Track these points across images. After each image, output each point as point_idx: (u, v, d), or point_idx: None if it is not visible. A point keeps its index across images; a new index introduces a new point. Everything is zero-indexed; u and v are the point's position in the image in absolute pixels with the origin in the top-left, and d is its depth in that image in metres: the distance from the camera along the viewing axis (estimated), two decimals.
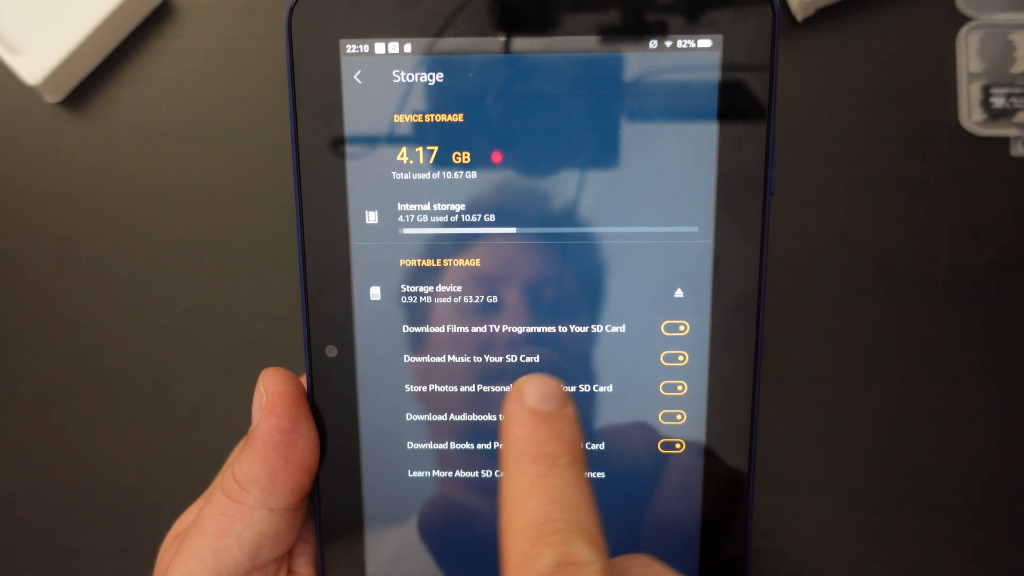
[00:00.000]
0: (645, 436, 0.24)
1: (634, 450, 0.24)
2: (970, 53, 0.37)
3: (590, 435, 0.24)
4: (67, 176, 0.39)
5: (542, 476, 0.18)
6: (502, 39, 0.22)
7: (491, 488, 0.24)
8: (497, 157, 0.23)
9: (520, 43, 0.22)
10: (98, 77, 0.39)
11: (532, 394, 0.19)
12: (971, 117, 0.37)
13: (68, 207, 0.39)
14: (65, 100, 0.39)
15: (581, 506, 0.18)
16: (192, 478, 0.37)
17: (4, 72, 0.37)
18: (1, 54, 0.36)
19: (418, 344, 0.24)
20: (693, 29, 0.22)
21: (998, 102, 0.37)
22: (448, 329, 0.24)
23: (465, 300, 0.23)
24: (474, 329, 0.23)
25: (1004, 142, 0.37)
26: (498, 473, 0.24)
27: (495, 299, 0.23)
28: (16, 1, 0.38)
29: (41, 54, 0.36)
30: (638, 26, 0.22)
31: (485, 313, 0.23)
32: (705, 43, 0.22)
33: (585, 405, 0.24)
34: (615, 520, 0.24)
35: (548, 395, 0.19)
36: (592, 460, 0.24)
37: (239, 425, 0.37)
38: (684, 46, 0.22)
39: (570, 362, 0.24)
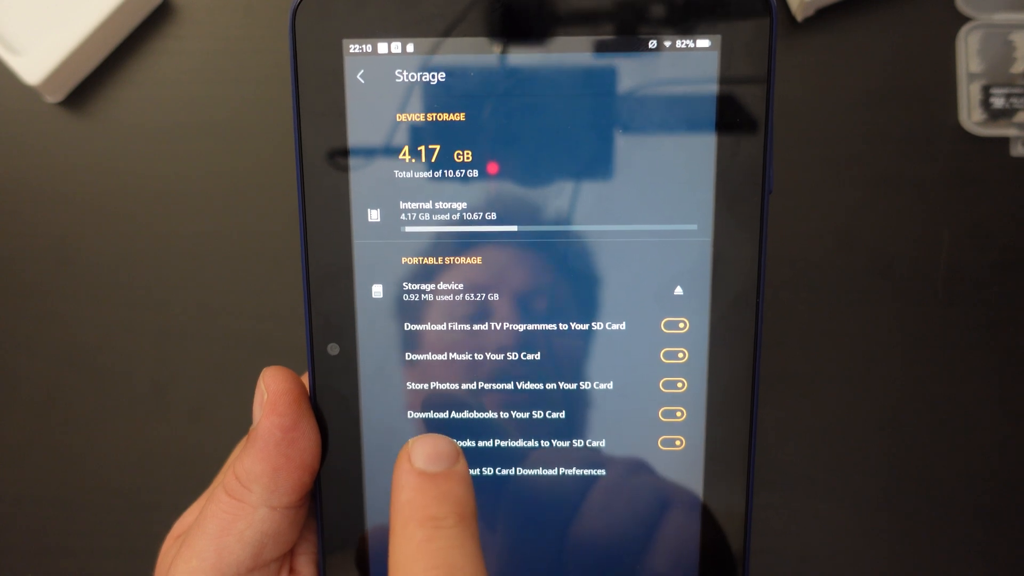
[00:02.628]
0: (645, 433, 0.24)
1: (633, 447, 0.24)
2: (970, 53, 0.37)
3: (590, 432, 0.24)
4: (67, 176, 0.39)
5: (427, 540, 0.18)
6: (504, 39, 0.22)
7: (493, 485, 0.24)
8: (499, 156, 0.23)
9: (521, 43, 0.22)
10: (98, 77, 0.39)
11: (420, 455, 0.19)
12: (971, 117, 0.37)
13: (68, 207, 0.39)
14: (65, 100, 0.39)
15: (465, 568, 0.18)
16: (192, 478, 0.37)
17: (4, 72, 0.37)
18: (1, 54, 0.36)
19: (420, 342, 0.24)
20: (692, 30, 0.22)
21: (998, 102, 0.37)
22: (449, 327, 0.24)
23: (467, 298, 0.24)
24: (475, 327, 0.24)
25: (1004, 142, 0.37)
26: (499, 471, 0.24)
27: (496, 297, 0.24)
28: (16, 1, 0.38)
29: (41, 54, 0.36)
30: (638, 27, 0.22)
31: (486, 311, 0.24)
32: (703, 44, 0.22)
33: (586, 402, 0.24)
34: (613, 518, 0.24)
35: (436, 455, 0.19)
36: (592, 458, 0.24)
37: (239, 425, 0.37)
38: (683, 47, 0.22)
39: (571, 359, 0.24)
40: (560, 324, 0.24)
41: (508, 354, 0.24)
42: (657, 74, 0.22)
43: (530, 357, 0.24)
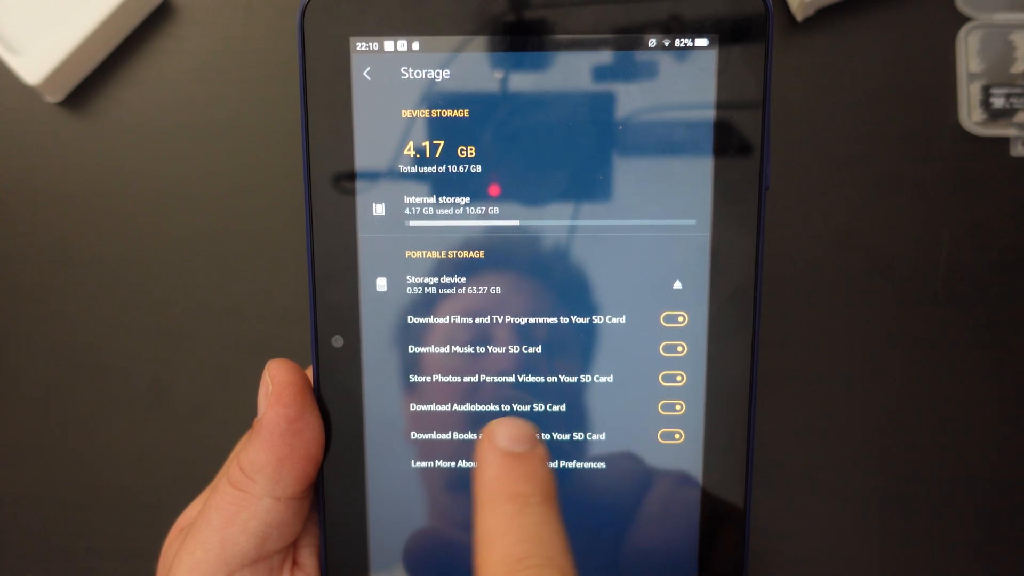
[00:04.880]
0: (644, 426, 0.24)
1: (633, 441, 0.24)
2: (970, 53, 0.37)
3: (591, 425, 0.24)
4: (67, 176, 0.39)
5: (516, 514, 0.19)
6: (507, 36, 0.23)
7: None
8: (502, 152, 0.23)
9: (523, 40, 0.23)
10: (98, 77, 0.39)
11: (504, 436, 0.20)
12: (971, 117, 0.37)
13: (68, 207, 0.39)
14: (65, 100, 0.39)
15: (553, 543, 0.18)
16: (192, 478, 0.37)
17: (4, 72, 0.37)
18: (1, 54, 0.36)
19: (423, 334, 0.24)
20: (690, 29, 0.23)
21: (998, 102, 0.37)
22: (452, 320, 0.24)
23: (469, 291, 0.24)
24: (477, 320, 0.24)
25: (1004, 142, 0.37)
26: None
27: (498, 290, 0.24)
28: (16, 1, 0.38)
29: (41, 54, 0.36)
30: (637, 25, 0.23)
31: (488, 304, 0.24)
32: (702, 42, 0.23)
33: (586, 395, 0.24)
34: (613, 512, 0.24)
35: (519, 437, 0.20)
36: (591, 451, 0.24)
37: (239, 425, 0.37)
38: (681, 45, 0.23)
39: (571, 352, 0.24)
40: (561, 317, 0.24)
41: (510, 347, 0.24)
42: (656, 72, 0.23)
43: (531, 350, 0.24)
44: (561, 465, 0.24)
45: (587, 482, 0.24)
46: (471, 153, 0.23)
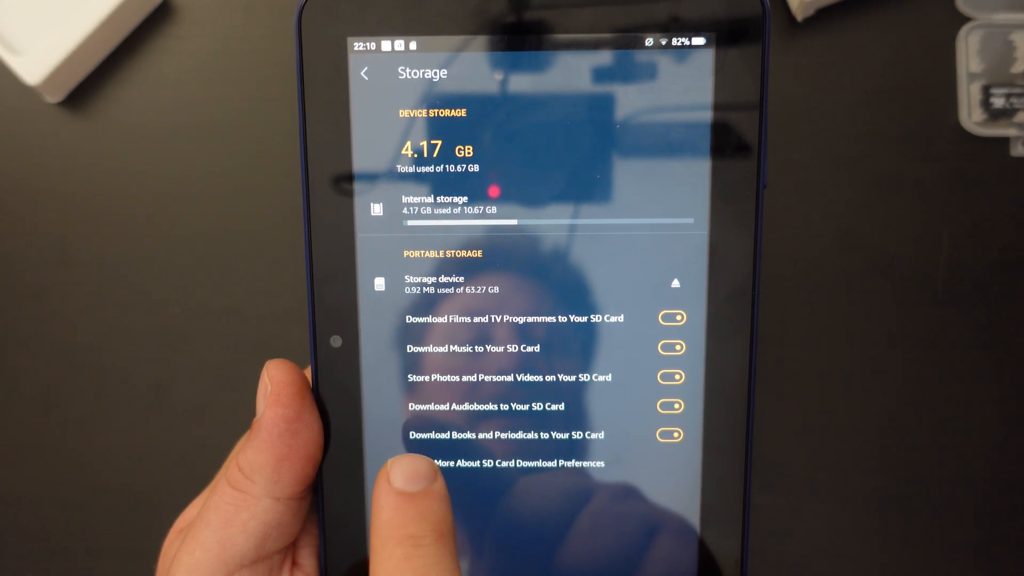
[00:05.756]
0: (643, 425, 0.24)
1: (632, 440, 0.24)
2: (970, 53, 0.37)
3: (589, 424, 0.24)
4: (67, 176, 0.39)
5: (406, 558, 0.19)
6: (505, 36, 0.23)
7: (494, 477, 0.24)
8: (499, 151, 0.23)
9: (521, 40, 0.23)
10: (98, 77, 0.39)
11: (399, 475, 0.20)
12: (971, 117, 0.37)
13: (68, 207, 0.39)
14: (65, 100, 0.39)
15: None
16: (192, 478, 0.37)
17: (4, 72, 0.37)
18: (1, 54, 0.36)
19: (421, 334, 0.24)
20: (688, 28, 0.23)
21: (998, 102, 0.37)
22: (450, 319, 0.24)
23: (467, 291, 0.24)
24: (476, 319, 0.24)
25: (1004, 142, 0.37)
26: (500, 462, 0.24)
27: (497, 290, 0.24)
28: (16, 1, 0.38)
29: (41, 54, 0.36)
30: (635, 25, 0.23)
31: (487, 304, 0.24)
32: (699, 42, 0.23)
33: (585, 394, 0.24)
34: (612, 512, 0.24)
35: (415, 474, 0.20)
36: (591, 450, 0.24)
37: (239, 425, 0.37)
38: (679, 45, 0.23)
39: (570, 351, 0.24)
40: (559, 317, 0.24)
41: (508, 346, 0.24)
42: (654, 72, 0.23)
43: (530, 349, 0.24)
44: (559, 464, 0.24)
45: (586, 481, 0.24)
46: (469, 153, 0.23)
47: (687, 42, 0.23)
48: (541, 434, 0.24)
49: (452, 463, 0.24)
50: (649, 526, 0.24)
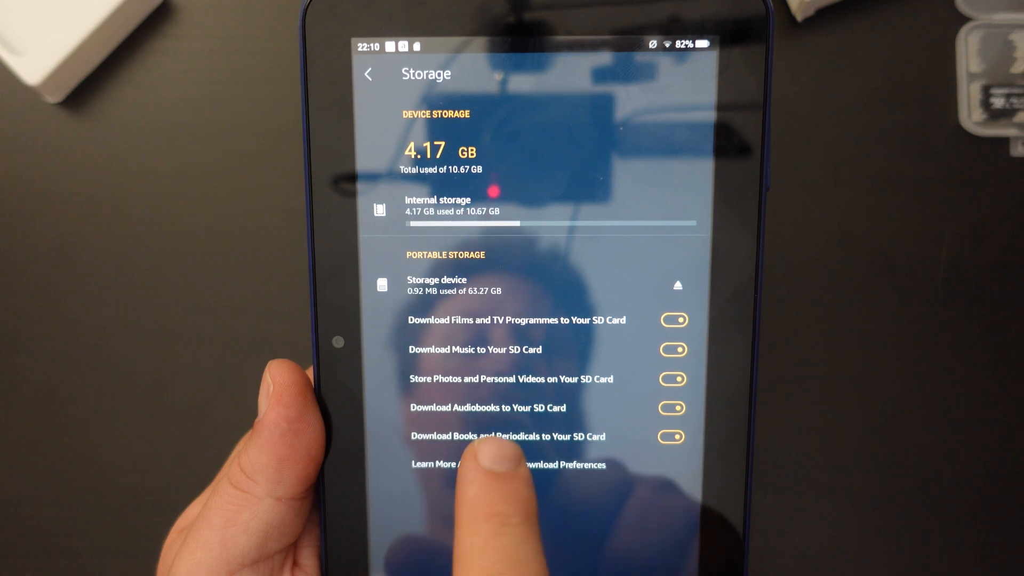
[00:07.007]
0: (645, 426, 0.24)
1: (633, 441, 0.24)
2: (970, 53, 0.37)
3: (591, 425, 0.24)
4: (67, 176, 0.39)
5: (494, 534, 0.19)
6: (507, 37, 0.23)
7: None
8: (503, 152, 0.23)
9: (524, 42, 0.23)
10: (98, 77, 0.39)
11: (487, 455, 0.20)
12: (971, 117, 0.37)
13: (68, 207, 0.39)
14: (65, 100, 0.39)
15: (531, 565, 0.18)
16: (192, 478, 0.37)
17: (4, 72, 0.37)
18: (1, 54, 0.36)
19: (423, 335, 0.24)
20: (690, 30, 0.23)
21: (998, 102, 0.37)
22: (453, 320, 0.24)
23: (470, 292, 0.24)
24: (478, 320, 0.24)
25: (1004, 142, 0.37)
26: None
27: (499, 291, 0.24)
28: (16, 1, 0.38)
29: (41, 54, 0.36)
30: (638, 27, 0.23)
31: (489, 305, 0.24)
32: (702, 43, 0.23)
33: (586, 396, 0.24)
34: (613, 512, 0.24)
35: (502, 456, 0.20)
36: (592, 451, 0.24)
37: (239, 424, 0.37)
38: (682, 46, 0.23)
39: (572, 353, 0.24)
40: (561, 318, 0.24)
41: (510, 348, 0.24)
42: (656, 73, 0.23)
43: (532, 351, 0.24)
44: (561, 465, 0.24)
45: (587, 482, 0.24)
46: (472, 154, 0.23)
47: (690, 44, 0.23)
48: (543, 435, 0.24)
49: (454, 464, 0.24)
50: (650, 527, 0.24)
